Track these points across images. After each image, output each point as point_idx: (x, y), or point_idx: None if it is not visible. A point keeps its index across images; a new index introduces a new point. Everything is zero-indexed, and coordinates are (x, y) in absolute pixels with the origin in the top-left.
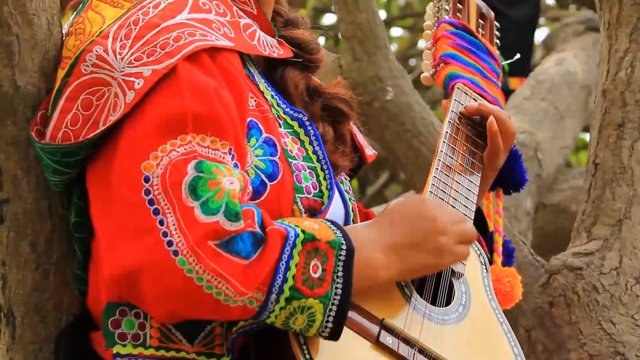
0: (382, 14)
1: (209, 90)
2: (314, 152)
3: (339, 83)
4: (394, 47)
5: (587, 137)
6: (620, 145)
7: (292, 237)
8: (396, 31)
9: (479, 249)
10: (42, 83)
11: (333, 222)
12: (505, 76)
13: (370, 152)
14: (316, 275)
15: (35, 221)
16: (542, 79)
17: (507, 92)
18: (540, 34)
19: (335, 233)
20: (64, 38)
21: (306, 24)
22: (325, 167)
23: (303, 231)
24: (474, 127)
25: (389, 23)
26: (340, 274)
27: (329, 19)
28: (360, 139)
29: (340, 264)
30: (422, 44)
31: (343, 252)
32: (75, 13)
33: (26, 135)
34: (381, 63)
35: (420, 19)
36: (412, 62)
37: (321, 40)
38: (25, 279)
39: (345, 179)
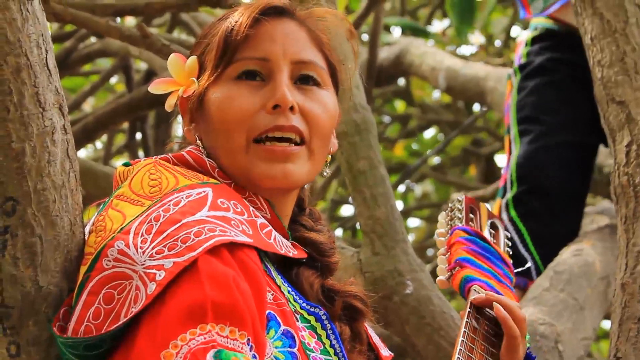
0: (400, 204)
1: (228, 280)
2: (331, 346)
3: (353, 282)
4: (411, 237)
5: (607, 324)
6: None
7: None
8: (413, 221)
9: None
10: (64, 283)
11: None
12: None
13: (386, 352)
14: None
15: None
16: (561, 270)
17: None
18: None
19: None
20: (86, 237)
21: (323, 222)
22: None
23: None
24: (491, 327)
25: (406, 213)
26: None
27: (347, 210)
28: (376, 339)
29: None
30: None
31: None
32: (97, 212)
33: (48, 335)
34: (400, 257)
35: (437, 210)
36: (430, 252)
37: (339, 231)
38: None
39: None
